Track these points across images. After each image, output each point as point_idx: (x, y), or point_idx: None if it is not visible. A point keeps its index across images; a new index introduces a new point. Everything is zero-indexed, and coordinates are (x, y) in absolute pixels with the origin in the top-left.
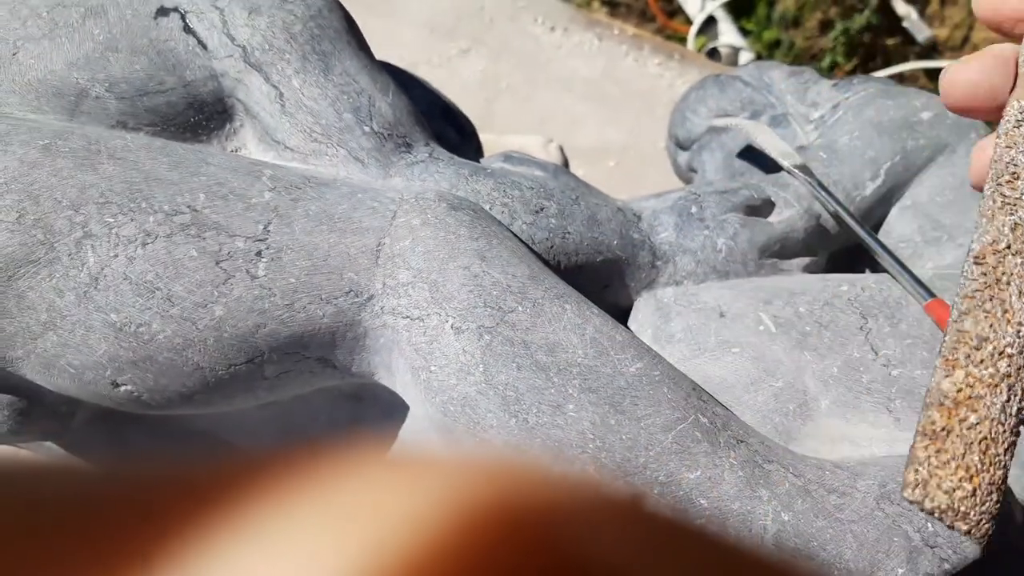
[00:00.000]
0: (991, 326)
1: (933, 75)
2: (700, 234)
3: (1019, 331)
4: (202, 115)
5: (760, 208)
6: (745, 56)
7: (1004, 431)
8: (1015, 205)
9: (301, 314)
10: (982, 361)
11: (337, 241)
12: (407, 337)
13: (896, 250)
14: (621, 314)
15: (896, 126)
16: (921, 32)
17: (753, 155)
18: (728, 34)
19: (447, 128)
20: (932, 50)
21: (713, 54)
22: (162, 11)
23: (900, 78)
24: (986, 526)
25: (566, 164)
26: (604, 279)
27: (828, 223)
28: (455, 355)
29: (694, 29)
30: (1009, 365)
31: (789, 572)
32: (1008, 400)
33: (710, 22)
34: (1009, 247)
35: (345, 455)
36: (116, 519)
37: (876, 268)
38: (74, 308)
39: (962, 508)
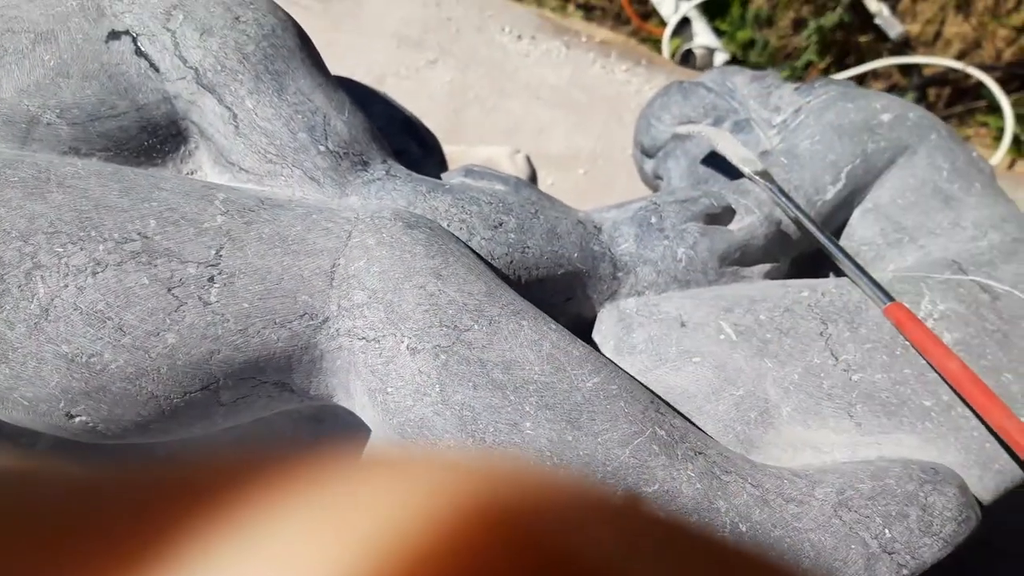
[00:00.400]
0: None
1: (906, 71)
2: (660, 244)
3: None
4: (156, 138)
5: (720, 216)
6: (720, 57)
7: None
8: None
9: (255, 339)
10: None
11: (291, 264)
12: (363, 359)
13: (858, 253)
14: (585, 325)
15: (856, 129)
16: (893, 28)
17: (717, 161)
18: (702, 35)
19: (409, 142)
20: (905, 46)
21: (688, 55)
22: (113, 35)
23: (874, 75)
24: None
25: (534, 174)
26: (566, 292)
27: (789, 229)
28: (411, 376)
29: (668, 31)
30: None
31: (779, 566)
32: None
33: (684, 24)
34: None
35: (334, 457)
36: (109, 521)
37: (840, 272)
38: (25, 340)
39: None
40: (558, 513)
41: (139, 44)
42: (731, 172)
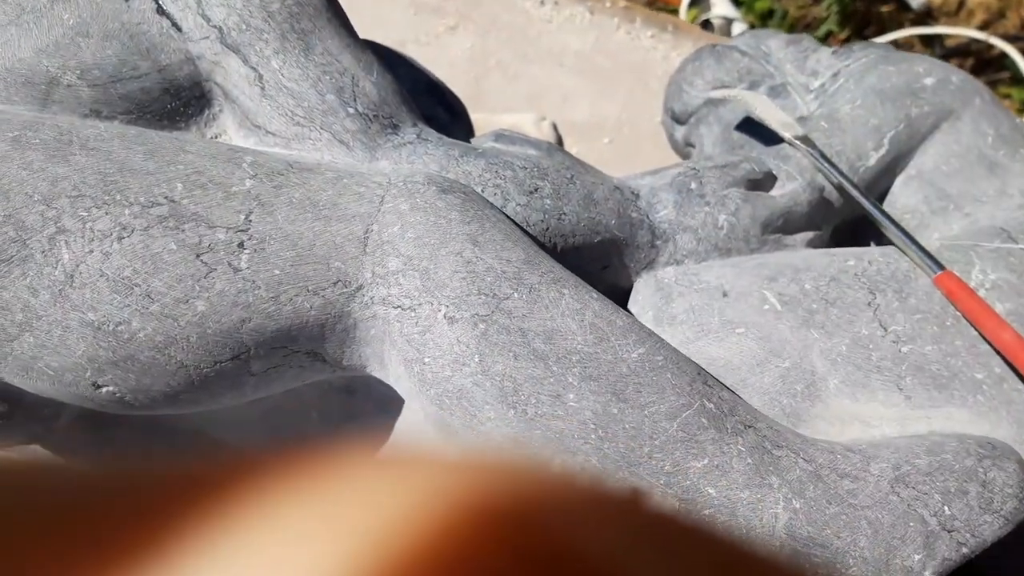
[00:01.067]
0: None
1: (928, 41)
2: (700, 211)
3: None
4: (179, 101)
5: (762, 182)
6: (738, 27)
7: None
8: None
9: (287, 306)
10: None
11: (323, 229)
12: (399, 328)
13: (902, 221)
14: (622, 295)
15: (899, 93)
16: None
17: (752, 127)
18: (720, 5)
19: (436, 108)
20: (927, 16)
21: (706, 26)
22: None
23: (896, 45)
24: None
25: (560, 142)
26: (603, 260)
27: (832, 195)
28: (449, 346)
29: (686, 1)
30: None
31: (794, 565)
32: None
33: None
34: None
35: (337, 454)
36: (110, 519)
37: (880, 240)
38: (50, 308)
39: None
40: (561, 510)
41: (160, 2)
42: (766, 138)
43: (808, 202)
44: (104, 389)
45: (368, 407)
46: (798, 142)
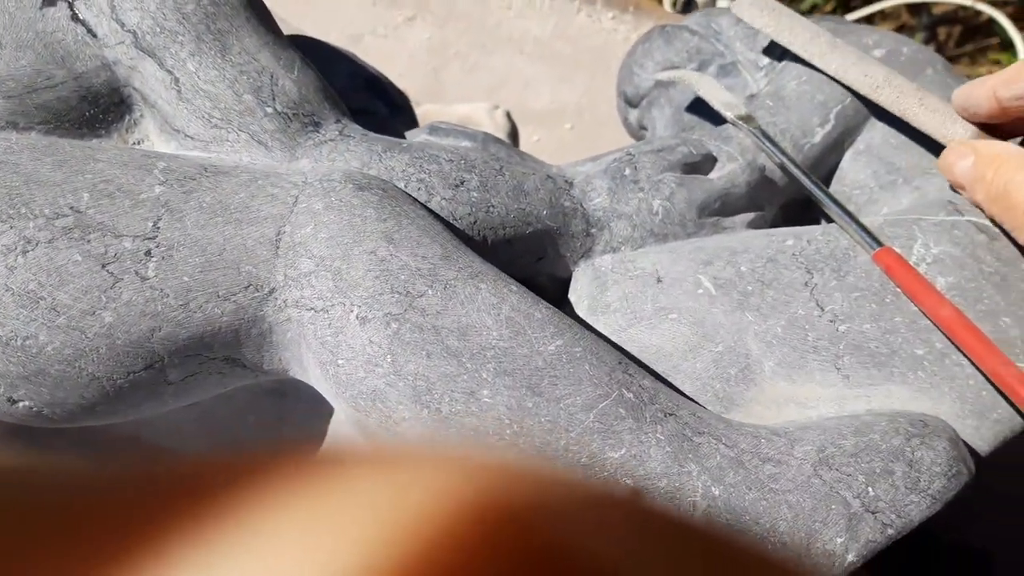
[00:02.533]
0: None
1: (916, 10)
2: (634, 197)
3: None
4: (97, 108)
5: (700, 164)
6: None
7: None
8: None
9: (198, 314)
10: None
11: (233, 233)
12: (313, 330)
13: (850, 198)
14: (562, 284)
15: None
16: None
17: (702, 108)
18: None
19: (375, 102)
20: None
21: (689, 3)
22: (48, 1)
23: (882, 15)
24: None
25: (514, 130)
26: (537, 251)
27: (775, 175)
28: (361, 347)
29: None
30: None
31: (796, 566)
32: None
33: None
34: None
35: (332, 455)
36: (112, 519)
37: (830, 219)
38: None
39: None
40: (557, 511)
41: (75, 9)
42: (717, 118)
43: (747, 183)
44: (20, 404)
45: (301, 409)
46: (739, 122)
